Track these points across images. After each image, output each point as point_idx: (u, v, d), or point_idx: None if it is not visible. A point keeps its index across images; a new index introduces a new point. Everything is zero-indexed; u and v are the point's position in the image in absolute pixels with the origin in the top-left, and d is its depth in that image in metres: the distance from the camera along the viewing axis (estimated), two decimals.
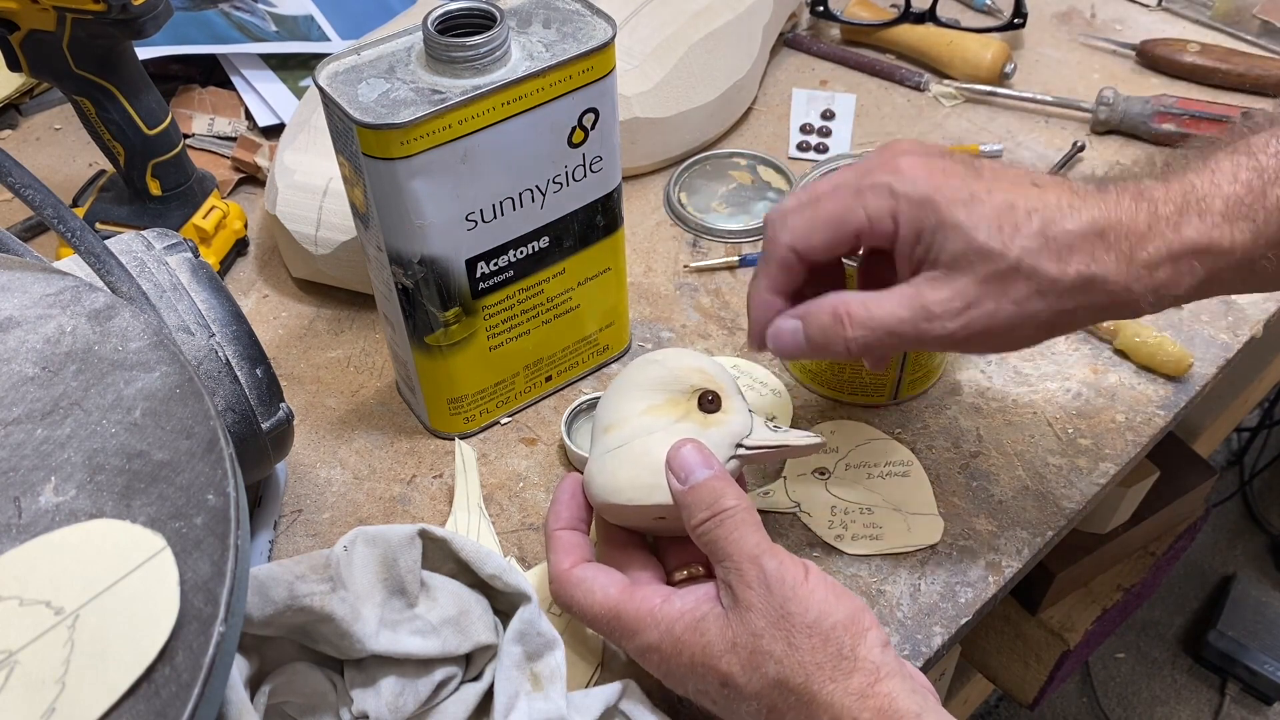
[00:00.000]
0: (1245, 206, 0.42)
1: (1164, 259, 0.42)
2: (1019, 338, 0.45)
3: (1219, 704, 1.49)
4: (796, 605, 0.42)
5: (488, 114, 0.50)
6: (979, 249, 0.43)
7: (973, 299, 0.44)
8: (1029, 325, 0.44)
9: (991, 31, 0.90)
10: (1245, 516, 1.70)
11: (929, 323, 0.44)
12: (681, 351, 0.52)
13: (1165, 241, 0.42)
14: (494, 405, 0.62)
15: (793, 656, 0.41)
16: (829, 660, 0.41)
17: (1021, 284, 0.43)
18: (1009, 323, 0.44)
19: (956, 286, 0.44)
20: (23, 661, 0.31)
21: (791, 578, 0.42)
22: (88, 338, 0.40)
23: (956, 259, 0.44)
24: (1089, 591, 1.00)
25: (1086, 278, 0.43)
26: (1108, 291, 0.43)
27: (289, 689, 0.46)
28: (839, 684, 0.40)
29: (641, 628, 0.45)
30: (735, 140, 0.84)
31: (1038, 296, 0.43)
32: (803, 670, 0.41)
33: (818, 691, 0.40)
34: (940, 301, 0.44)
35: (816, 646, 0.41)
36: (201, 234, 0.71)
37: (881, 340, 0.45)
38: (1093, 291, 0.43)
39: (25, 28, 0.63)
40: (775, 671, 0.41)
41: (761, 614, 0.42)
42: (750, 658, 0.42)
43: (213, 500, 0.35)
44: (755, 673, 0.42)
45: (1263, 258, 0.42)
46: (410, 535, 0.47)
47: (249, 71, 0.86)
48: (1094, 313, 0.44)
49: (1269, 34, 0.90)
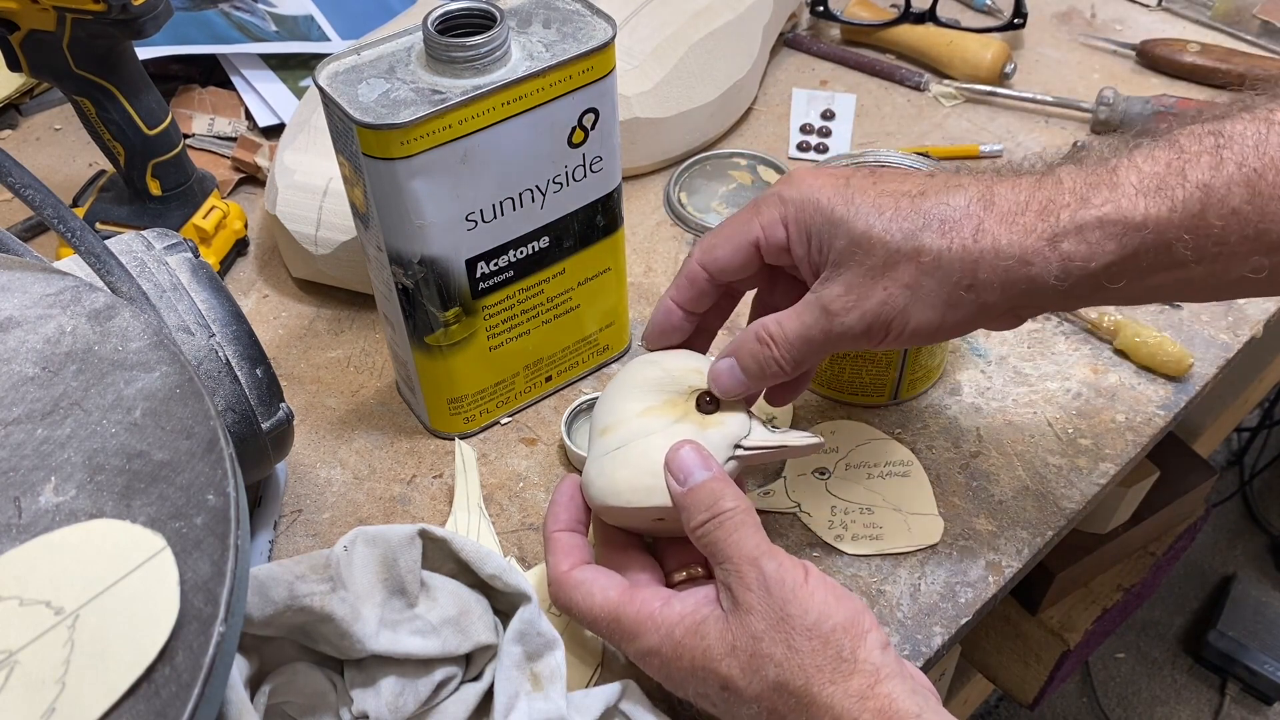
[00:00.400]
0: (1160, 181, 0.41)
1: (1069, 230, 0.41)
2: (929, 323, 0.44)
3: (1219, 704, 1.49)
4: (796, 607, 0.41)
5: (488, 114, 0.50)
6: (859, 238, 0.44)
7: (863, 289, 0.44)
8: (929, 307, 0.43)
9: (991, 31, 0.90)
10: (1245, 516, 1.70)
11: (831, 321, 0.45)
12: (679, 353, 0.52)
13: (1070, 212, 0.41)
14: (494, 405, 0.62)
15: (792, 659, 0.41)
16: (829, 663, 0.41)
17: (906, 266, 0.43)
18: (906, 306, 0.43)
19: (847, 280, 0.44)
20: (23, 661, 0.31)
21: (791, 580, 0.42)
22: (88, 338, 0.40)
23: (843, 254, 0.44)
24: (1089, 591, 1.00)
25: (975, 250, 0.42)
26: (1003, 265, 0.42)
27: (289, 689, 0.46)
28: (839, 686, 0.40)
29: (642, 631, 0.45)
30: (735, 140, 0.84)
31: (926, 275, 0.43)
32: (803, 673, 0.41)
33: (817, 694, 0.40)
34: (835, 298, 0.44)
35: (816, 649, 0.41)
36: (201, 234, 0.71)
37: (802, 351, 0.46)
38: (984, 265, 0.42)
39: (25, 28, 0.63)
40: (775, 674, 0.41)
41: (761, 616, 0.42)
42: (750, 661, 0.42)
43: (213, 500, 0.35)
44: (755, 676, 0.42)
45: (1178, 240, 0.40)
46: (410, 535, 0.47)
47: (249, 71, 0.86)
48: (1000, 292, 0.43)
49: (1269, 34, 0.90)
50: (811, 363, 0.47)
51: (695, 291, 0.50)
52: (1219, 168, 0.40)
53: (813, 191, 0.46)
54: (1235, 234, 0.40)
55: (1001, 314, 0.45)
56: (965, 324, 0.45)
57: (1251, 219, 0.39)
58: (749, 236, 0.48)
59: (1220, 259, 0.41)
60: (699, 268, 0.50)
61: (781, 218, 0.47)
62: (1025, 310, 0.45)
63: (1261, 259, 0.40)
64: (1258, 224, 0.40)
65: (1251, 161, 0.40)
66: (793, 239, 0.47)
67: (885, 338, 0.45)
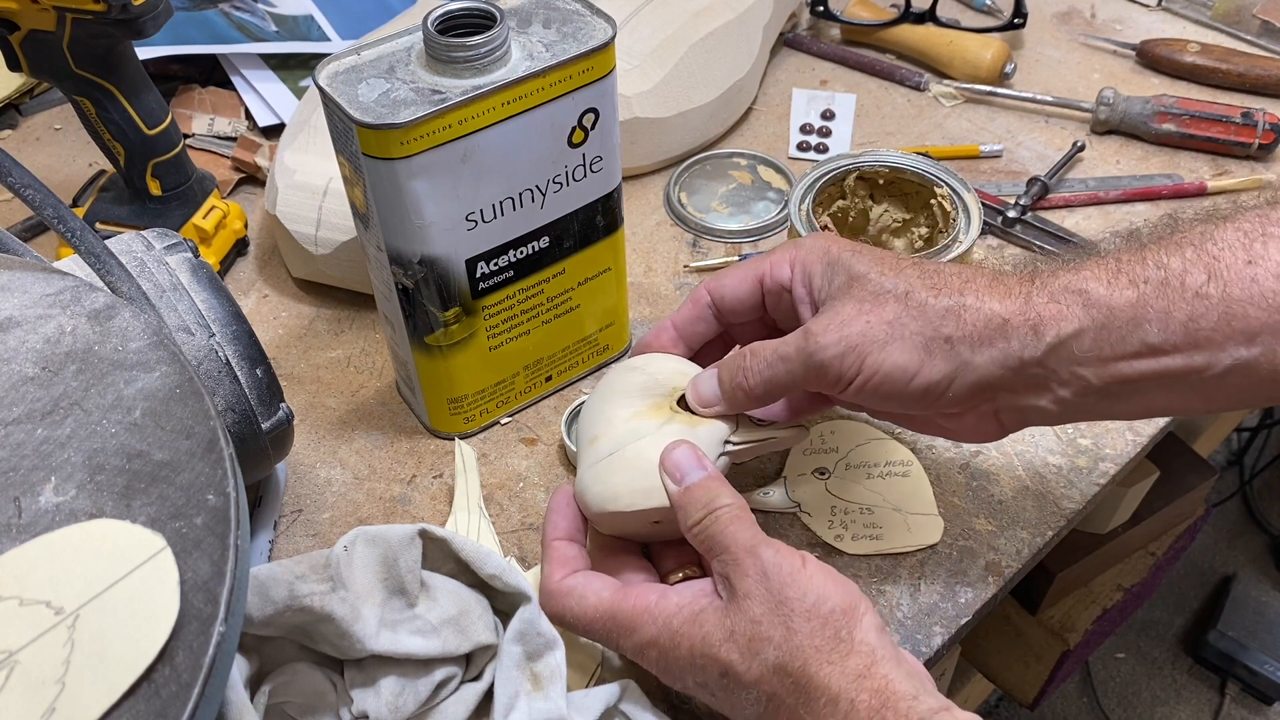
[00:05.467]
0: (1120, 266, 0.43)
1: (1044, 295, 0.44)
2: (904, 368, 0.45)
3: (1219, 704, 1.49)
4: (795, 590, 0.42)
5: (488, 114, 0.50)
6: (859, 277, 0.47)
7: (848, 318, 0.46)
8: (908, 349, 0.45)
9: (991, 31, 0.90)
10: (1245, 516, 1.70)
11: (808, 341, 0.46)
12: (661, 356, 0.52)
13: (1044, 282, 0.44)
14: (494, 405, 0.62)
15: (791, 640, 0.41)
16: (826, 643, 0.41)
17: (893, 304, 0.46)
18: (886, 342, 0.45)
19: (835, 309, 0.47)
20: (23, 661, 0.31)
21: (789, 565, 0.43)
22: (88, 338, 0.40)
23: (839, 290, 0.47)
24: (1089, 591, 1.00)
25: (959, 302, 0.45)
26: (978, 321, 0.44)
27: (289, 689, 0.46)
28: (836, 666, 0.41)
29: (638, 624, 0.45)
30: (735, 140, 0.84)
31: (910, 316, 0.45)
32: (801, 654, 0.41)
33: (815, 674, 0.41)
34: (820, 322, 0.47)
35: (815, 629, 0.41)
36: (201, 234, 0.71)
37: (773, 368, 0.47)
38: (966, 319, 0.44)
39: (25, 28, 0.63)
40: (774, 656, 0.41)
41: (759, 601, 0.42)
42: (749, 645, 0.42)
43: (213, 500, 0.35)
44: (755, 659, 0.42)
45: (1145, 318, 0.41)
46: (410, 535, 0.47)
47: (249, 71, 0.86)
48: (978, 349, 0.44)
49: (1269, 34, 0.90)
50: (782, 389, 0.48)
51: (695, 314, 0.53)
52: (1177, 252, 0.42)
53: (824, 241, 0.49)
54: (1204, 319, 0.41)
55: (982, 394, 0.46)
56: (942, 385, 0.45)
57: (1216, 303, 0.40)
58: (756, 271, 0.51)
59: (1198, 349, 0.41)
60: (704, 292, 0.53)
61: (790, 260, 0.50)
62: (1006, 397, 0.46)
63: (1240, 349, 0.41)
64: (1223, 309, 0.40)
65: (1209, 248, 0.41)
66: (795, 278, 0.50)
67: (857, 376, 0.45)
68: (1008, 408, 0.47)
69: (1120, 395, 0.44)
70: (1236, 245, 0.41)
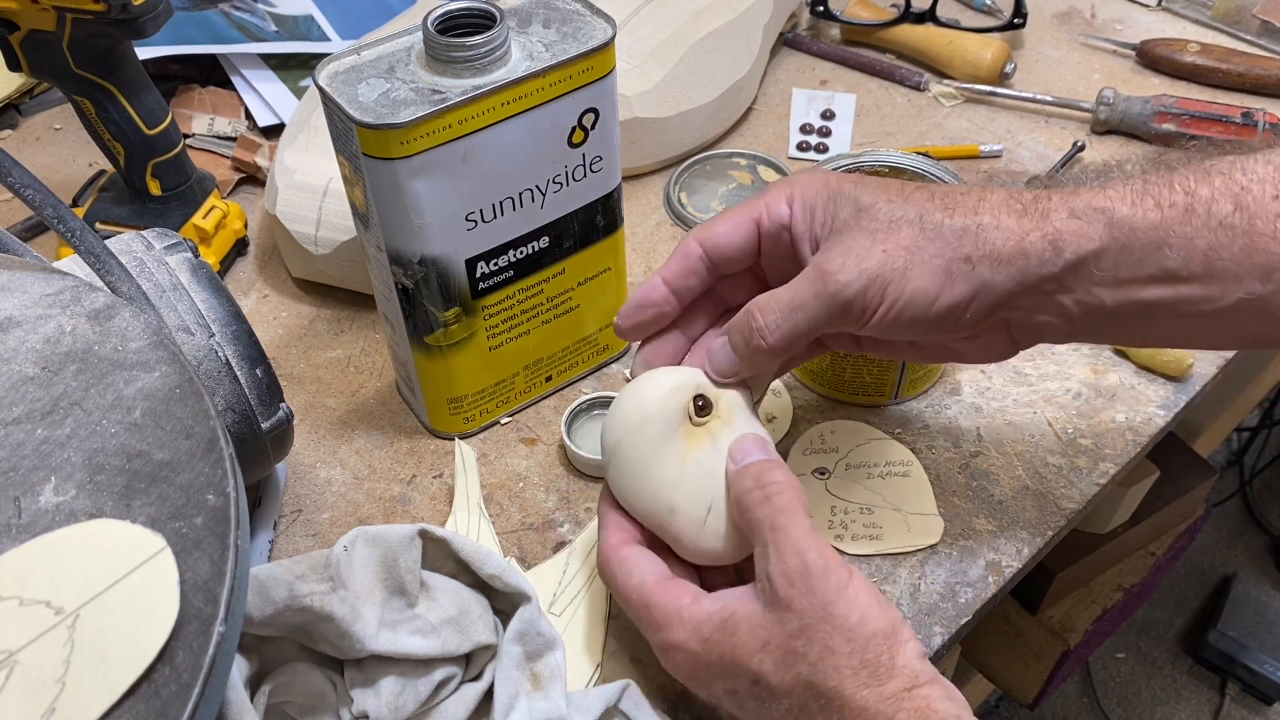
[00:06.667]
0: (1147, 187, 0.42)
1: (1064, 211, 0.43)
2: (926, 292, 0.44)
3: (1219, 704, 1.49)
4: (842, 607, 0.41)
5: (488, 114, 0.50)
6: (867, 207, 0.45)
7: (863, 249, 0.44)
8: (928, 274, 0.44)
9: (991, 31, 0.90)
10: (1245, 516, 1.70)
11: (826, 282, 0.44)
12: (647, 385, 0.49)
13: (1063, 198, 0.43)
14: (494, 405, 0.62)
15: (827, 660, 0.40)
16: (865, 667, 0.40)
17: (908, 229, 0.44)
18: (906, 269, 0.44)
19: (847, 243, 0.45)
20: (23, 661, 0.31)
21: (836, 579, 0.42)
22: (88, 338, 0.40)
23: (846, 222, 0.45)
24: (1089, 591, 1.00)
25: (975, 222, 0.44)
26: (1000, 237, 0.43)
27: (289, 689, 0.46)
28: (873, 689, 0.40)
29: (668, 624, 0.44)
30: (735, 140, 0.84)
31: (927, 239, 0.44)
32: (836, 674, 0.40)
33: (850, 696, 0.40)
34: (833, 259, 0.45)
35: (854, 651, 0.40)
36: (201, 234, 0.71)
37: (791, 319, 0.45)
38: (984, 238, 0.43)
39: (25, 28, 0.63)
40: (807, 673, 0.41)
41: (800, 615, 0.41)
42: (784, 657, 0.41)
43: (213, 500, 0.35)
44: (788, 672, 0.41)
45: (1168, 241, 0.41)
46: (410, 535, 0.47)
47: (249, 71, 0.86)
48: (997, 269, 0.43)
49: (1269, 34, 0.90)
50: (804, 336, 0.46)
51: (685, 267, 0.49)
52: (1206, 179, 0.41)
53: (822, 175, 0.48)
54: (1225, 250, 0.40)
55: (997, 311, 0.45)
56: (961, 306, 0.44)
57: (1239, 235, 0.40)
58: (751, 213, 0.48)
59: (1214, 280, 0.41)
60: (694, 244, 0.49)
61: (787, 196, 0.48)
62: (1019, 314, 0.45)
63: (1255, 284, 0.40)
64: (1245, 242, 0.40)
65: (1238, 178, 0.41)
66: (795, 215, 0.47)
67: (880, 305, 0.44)
68: (1020, 323, 0.46)
69: (1130, 320, 0.43)
70: (1266, 179, 0.40)
